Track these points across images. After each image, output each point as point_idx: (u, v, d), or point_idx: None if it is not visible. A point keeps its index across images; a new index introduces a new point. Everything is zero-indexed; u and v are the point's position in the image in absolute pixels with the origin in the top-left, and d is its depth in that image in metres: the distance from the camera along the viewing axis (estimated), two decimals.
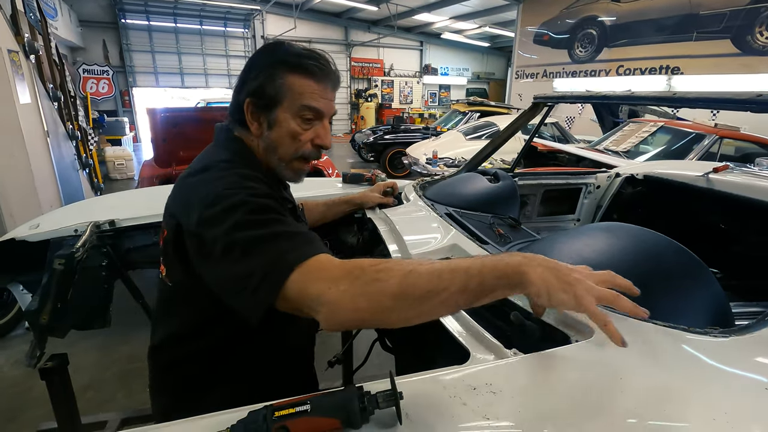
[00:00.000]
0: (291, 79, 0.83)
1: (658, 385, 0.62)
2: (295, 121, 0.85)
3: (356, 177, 1.92)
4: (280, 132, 0.85)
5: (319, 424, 0.53)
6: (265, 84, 0.83)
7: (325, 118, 0.88)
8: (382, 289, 0.62)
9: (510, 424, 0.56)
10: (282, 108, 0.84)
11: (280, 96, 0.83)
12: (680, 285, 0.82)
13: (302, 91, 0.83)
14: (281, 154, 0.88)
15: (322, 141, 0.89)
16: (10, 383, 2.44)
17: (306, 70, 0.83)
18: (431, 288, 0.62)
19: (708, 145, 4.34)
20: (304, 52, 0.85)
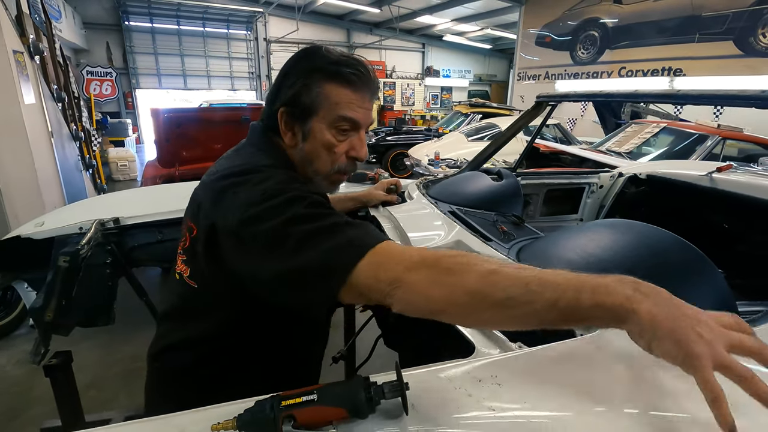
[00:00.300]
0: (328, 88, 0.79)
1: (663, 378, 0.62)
2: (331, 132, 0.81)
3: (359, 176, 1.93)
4: (315, 144, 0.82)
5: (326, 413, 0.53)
6: (301, 92, 0.79)
7: (361, 129, 0.84)
8: (458, 282, 0.58)
9: (515, 414, 0.56)
10: (317, 118, 0.80)
11: (316, 106, 0.79)
12: (685, 280, 0.82)
13: (339, 100, 0.79)
14: (317, 167, 0.84)
15: (357, 153, 0.84)
16: (13, 382, 2.45)
17: (343, 78, 0.79)
18: (514, 296, 0.55)
19: (711, 146, 4.33)
20: (342, 59, 0.80)
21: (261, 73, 15.16)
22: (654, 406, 0.58)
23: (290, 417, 0.52)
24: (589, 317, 0.54)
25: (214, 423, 0.52)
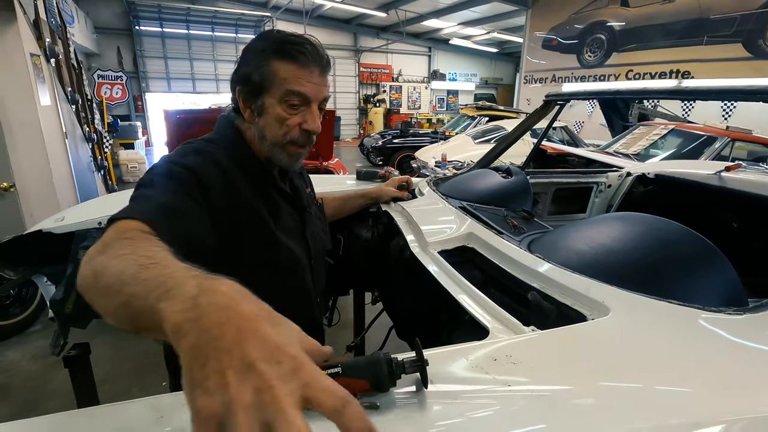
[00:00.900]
0: (276, 65, 0.83)
1: (672, 357, 0.64)
2: (281, 107, 0.85)
3: (370, 174, 1.96)
4: (267, 118, 0.87)
5: (350, 384, 0.55)
6: (252, 71, 0.85)
7: (313, 103, 0.87)
8: (93, 262, 0.54)
9: (530, 388, 0.58)
10: (269, 94, 0.85)
11: (266, 83, 0.84)
12: (695, 269, 0.84)
13: (286, 76, 0.83)
14: (271, 138, 0.88)
15: (309, 126, 0.87)
16: (29, 376, 2.50)
17: (289, 55, 0.83)
18: (112, 283, 0.48)
19: (719, 148, 4.32)
20: (288, 38, 0.85)
21: None
22: (659, 381, 0.60)
23: None
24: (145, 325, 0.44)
25: None
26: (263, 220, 0.89)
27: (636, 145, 4.79)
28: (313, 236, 1.04)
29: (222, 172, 0.83)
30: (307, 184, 1.15)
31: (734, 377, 0.61)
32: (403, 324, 1.30)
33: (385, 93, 17.67)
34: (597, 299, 0.75)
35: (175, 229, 0.68)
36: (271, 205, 0.92)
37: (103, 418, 0.55)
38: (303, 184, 1.09)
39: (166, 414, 0.54)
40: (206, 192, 0.78)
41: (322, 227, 1.13)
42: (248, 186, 0.88)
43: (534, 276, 0.88)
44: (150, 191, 0.74)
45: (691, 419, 0.55)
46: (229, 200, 0.83)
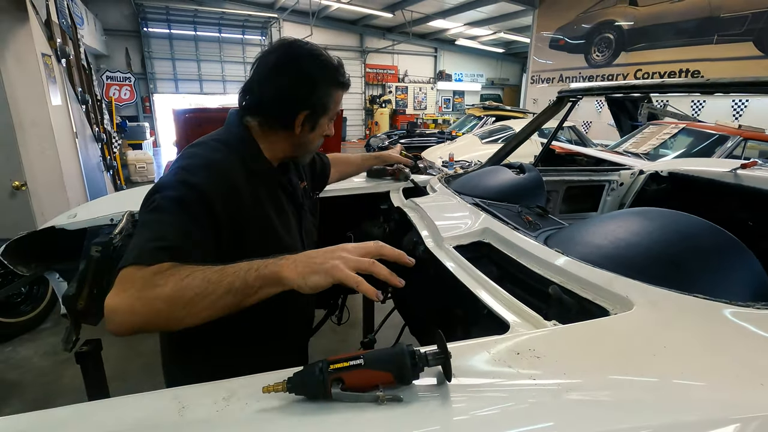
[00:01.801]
0: (337, 94, 0.99)
1: (700, 352, 0.63)
2: (328, 123, 1.01)
3: (380, 171, 1.95)
4: (318, 133, 1.00)
5: (373, 376, 0.55)
6: (323, 98, 0.96)
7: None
8: (157, 293, 0.68)
9: (556, 382, 0.57)
10: (326, 116, 0.99)
11: (329, 106, 0.98)
12: (719, 263, 0.83)
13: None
14: (312, 149, 1.04)
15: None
16: (40, 373, 2.51)
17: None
18: (200, 291, 0.67)
19: (731, 147, 4.26)
20: (340, 68, 0.98)
21: None
22: (688, 377, 0.59)
23: (339, 380, 0.54)
24: (258, 289, 0.69)
25: (264, 385, 0.54)
26: (269, 220, 0.95)
27: (646, 144, 4.75)
28: (307, 233, 1.10)
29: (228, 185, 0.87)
30: (303, 179, 1.18)
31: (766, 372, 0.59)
32: (417, 320, 1.29)
33: (390, 94, 17.66)
34: (620, 293, 0.74)
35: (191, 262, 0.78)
36: (278, 205, 0.99)
37: (126, 409, 0.55)
38: (298, 180, 1.13)
39: (189, 405, 0.54)
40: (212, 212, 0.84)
41: (313, 222, 1.18)
42: (256, 187, 0.93)
43: (553, 270, 0.87)
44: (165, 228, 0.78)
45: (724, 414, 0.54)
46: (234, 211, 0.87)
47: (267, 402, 0.54)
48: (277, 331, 1.05)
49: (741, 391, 0.57)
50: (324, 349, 2.62)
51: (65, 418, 0.56)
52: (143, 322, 0.69)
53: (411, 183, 1.78)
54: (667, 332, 0.67)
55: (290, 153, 1.02)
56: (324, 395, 0.53)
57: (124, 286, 0.70)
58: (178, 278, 0.69)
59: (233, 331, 0.94)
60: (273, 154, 0.99)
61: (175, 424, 0.51)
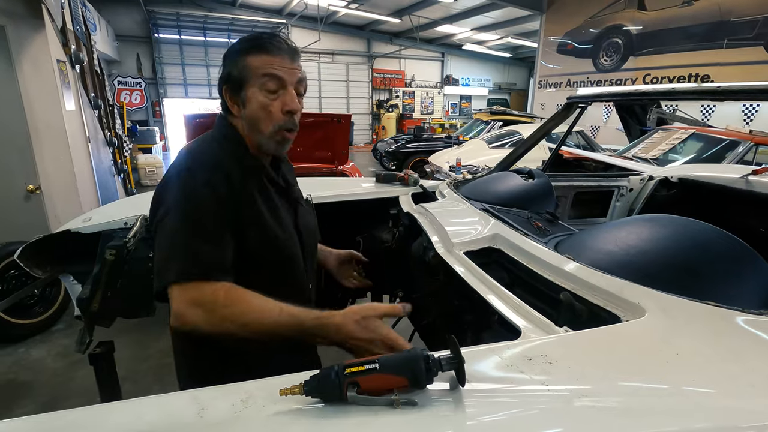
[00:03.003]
0: (250, 59, 0.93)
1: (713, 359, 0.63)
2: (262, 93, 0.93)
3: (389, 177, 1.96)
4: (252, 107, 0.94)
5: (388, 381, 0.55)
6: (232, 69, 0.94)
7: (289, 86, 0.95)
8: (227, 314, 0.80)
9: (568, 388, 0.57)
10: (249, 85, 0.93)
11: (245, 75, 0.93)
12: (731, 270, 0.82)
13: (259, 64, 0.92)
14: (261, 128, 0.95)
15: (290, 106, 0.95)
16: (53, 374, 2.55)
17: (260, 48, 0.93)
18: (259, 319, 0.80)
19: (742, 153, 4.22)
20: (256, 35, 0.95)
21: None
22: (701, 384, 0.59)
23: (354, 383, 0.55)
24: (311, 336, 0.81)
25: (281, 388, 0.56)
26: (261, 214, 0.95)
27: (655, 149, 4.71)
28: (305, 227, 1.08)
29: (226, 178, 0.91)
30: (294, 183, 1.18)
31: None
32: (427, 326, 1.29)
33: (397, 98, 17.71)
34: (631, 300, 0.74)
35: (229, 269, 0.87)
36: (269, 200, 0.99)
37: (146, 410, 0.56)
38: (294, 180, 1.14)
39: (207, 406, 0.55)
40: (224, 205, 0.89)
41: (313, 221, 1.17)
42: (249, 183, 0.95)
43: (564, 276, 0.87)
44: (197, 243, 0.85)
45: (736, 422, 0.54)
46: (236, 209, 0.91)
47: (284, 404, 0.55)
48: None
49: (754, 399, 0.57)
50: (332, 353, 2.63)
51: (85, 418, 0.57)
52: (209, 332, 0.80)
53: (420, 188, 1.79)
54: (679, 340, 0.67)
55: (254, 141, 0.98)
56: (340, 398, 0.54)
57: (195, 300, 0.81)
58: (245, 304, 0.81)
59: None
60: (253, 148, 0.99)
61: (194, 424, 0.53)
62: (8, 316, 2.80)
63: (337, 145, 4.52)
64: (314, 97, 16.17)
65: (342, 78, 16.75)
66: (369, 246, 1.87)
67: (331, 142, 4.47)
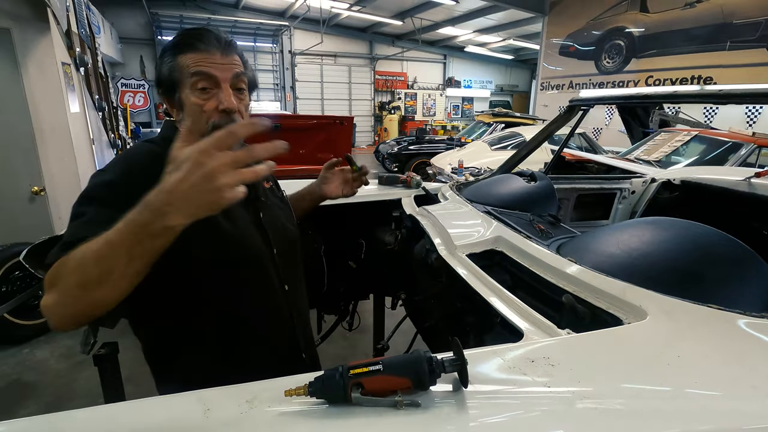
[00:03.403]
0: (179, 58, 0.88)
1: (715, 362, 0.63)
2: (194, 94, 0.87)
3: (391, 179, 1.97)
4: (188, 110, 0.89)
5: (391, 382, 0.56)
6: (162, 71, 0.90)
7: (223, 83, 0.88)
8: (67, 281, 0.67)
9: (570, 390, 0.58)
10: (181, 87, 0.88)
11: (175, 77, 0.88)
12: (733, 273, 0.83)
13: (187, 63, 0.87)
14: (197, 130, 0.88)
15: (225, 104, 0.88)
16: (56, 375, 2.56)
17: (187, 46, 0.88)
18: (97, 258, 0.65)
19: (745, 155, 4.21)
20: (180, 33, 0.91)
21: (285, 85, 15.52)
22: (702, 387, 0.59)
23: (358, 385, 0.56)
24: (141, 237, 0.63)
25: (286, 389, 0.56)
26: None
27: (657, 151, 4.71)
28: (272, 225, 1.02)
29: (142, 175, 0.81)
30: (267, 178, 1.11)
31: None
32: (429, 327, 1.30)
33: (400, 100, 17.75)
34: (633, 303, 0.75)
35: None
36: None
37: (151, 411, 0.57)
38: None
39: (213, 407, 0.56)
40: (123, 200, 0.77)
41: (285, 216, 1.10)
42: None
43: (566, 279, 0.88)
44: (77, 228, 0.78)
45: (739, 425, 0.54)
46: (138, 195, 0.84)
47: (289, 405, 0.56)
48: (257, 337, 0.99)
49: (757, 401, 0.57)
50: (334, 355, 2.64)
51: (92, 419, 0.58)
52: (73, 313, 0.69)
53: (422, 190, 1.80)
54: (682, 342, 0.68)
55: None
56: (344, 399, 0.55)
57: (47, 286, 0.70)
58: (72, 259, 0.67)
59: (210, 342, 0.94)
60: None
61: (201, 425, 0.53)
62: (12, 317, 2.82)
63: (340, 147, 4.53)
64: (317, 99, 16.23)
65: (344, 80, 16.81)
66: (371, 248, 1.88)
67: (333, 144, 4.49)
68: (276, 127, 3.92)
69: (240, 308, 0.96)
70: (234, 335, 0.95)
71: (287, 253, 1.04)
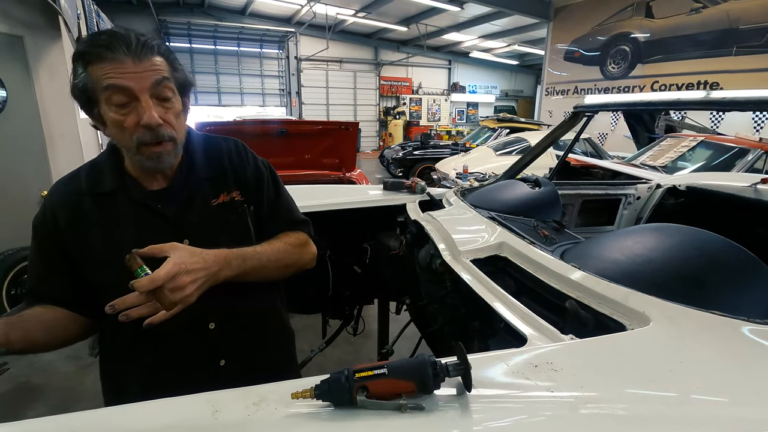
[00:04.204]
0: (90, 69, 0.76)
1: (718, 368, 0.64)
2: (111, 110, 0.77)
3: (396, 184, 1.98)
4: (110, 126, 0.80)
5: (396, 385, 0.57)
6: (76, 84, 0.78)
7: (140, 94, 0.78)
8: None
9: (573, 394, 0.58)
10: (98, 102, 0.78)
11: (89, 92, 0.78)
12: (737, 280, 0.83)
13: (99, 75, 0.76)
14: (125, 146, 0.82)
15: (145, 120, 0.77)
16: (63, 377, 2.58)
17: (94, 56, 0.76)
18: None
19: (752, 161, 4.19)
20: (85, 41, 0.80)
21: (291, 90, 15.63)
22: (704, 392, 0.60)
23: (363, 388, 0.57)
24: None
25: (293, 392, 0.57)
26: (98, 248, 0.86)
27: (663, 157, 4.69)
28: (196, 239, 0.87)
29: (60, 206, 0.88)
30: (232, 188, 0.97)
31: None
32: (434, 333, 1.30)
33: (404, 105, 17.80)
34: (637, 309, 0.75)
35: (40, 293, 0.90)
36: (117, 227, 0.87)
37: (160, 412, 0.58)
38: (206, 192, 0.94)
39: (222, 408, 0.57)
40: (54, 235, 0.88)
41: (231, 238, 0.92)
42: (100, 208, 0.87)
43: (569, 285, 0.88)
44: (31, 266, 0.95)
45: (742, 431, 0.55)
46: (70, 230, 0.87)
47: (295, 407, 0.57)
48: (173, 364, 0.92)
49: (760, 408, 0.58)
50: (338, 359, 2.64)
51: (102, 419, 0.59)
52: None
53: (427, 196, 1.81)
54: (685, 348, 0.68)
55: (129, 158, 0.86)
56: (349, 402, 0.56)
57: None
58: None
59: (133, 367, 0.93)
60: (132, 166, 0.88)
61: (210, 425, 0.54)
62: None
63: (345, 152, 4.55)
64: (322, 104, 16.33)
65: (349, 85, 16.90)
66: (376, 253, 1.89)
67: (338, 150, 4.51)
68: (282, 132, 3.95)
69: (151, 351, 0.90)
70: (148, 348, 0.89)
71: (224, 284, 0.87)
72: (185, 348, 0.91)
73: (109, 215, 0.86)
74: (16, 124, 3.02)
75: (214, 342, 0.93)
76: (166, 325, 0.74)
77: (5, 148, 3.00)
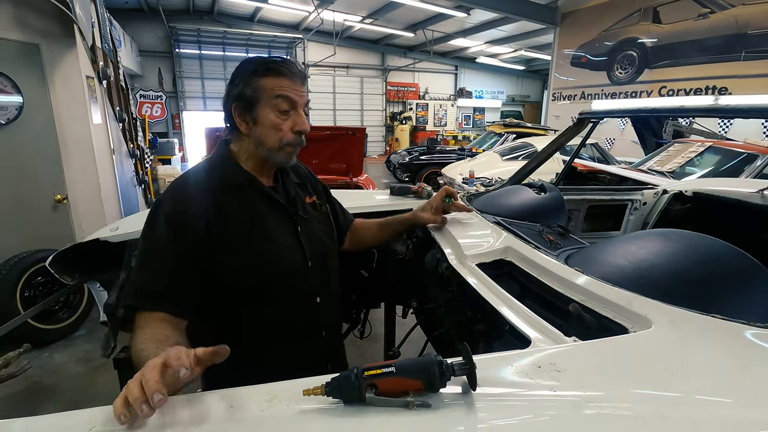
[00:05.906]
0: (263, 81, 0.99)
1: (719, 370, 0.65)
2: (274, 113, 1.00)
3: (403, 189, 2.01)
4: (263, 127, 1.01)
5: (404, 384, 0.59)
6: (244, 89, 0.99)
7: (299, 108, 1.02)
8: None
9: (576, 394, 0.60)
10: (261, 105, 1.00)
11: (258, 96, 0.99)
12: (740, 285, 0.84)
13: (273, 86, 0.99)
14: (269, 145, 1.02)
15: (300, 127, 1.02)
16: (75, 378, 2.63)
17: (273, 71, 0.99)
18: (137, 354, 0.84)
19: (761, 166, 4.16)
20: (269, 59, 1.02)
21: None
22: (705, 393, 0.61)
23: (372, 386, 0.59)
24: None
25: (304, 389, 0.60)
26: (246, 229, 1.00)
27: (671, 162, 4.68)
28: (310, 238, 1.11)
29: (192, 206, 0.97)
30: (312, 193, 1.23)
31: None
32: (440, 336, 1.32)
33: (411, 110, 17.87)
34: (639, 312, 0.77)
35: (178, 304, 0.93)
36: (256, 213, 1.04)
37: (176, 408, 0.61)
38: (300, 193, 1.18)
39: (236, 405, 0.59)
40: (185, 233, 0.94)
41: (324, 230, 1.19)
42: (232, 200, 1.01)
43: (573, 289, 0.90)
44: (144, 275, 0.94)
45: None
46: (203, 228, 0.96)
47: (307, 404, 0.59)
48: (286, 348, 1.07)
49: (760, 410, 0.59)
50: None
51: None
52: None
53: None
54: (686, 351, 0.69)
55: (260, 156, 1.05)
56: (359, 399, 0.58)
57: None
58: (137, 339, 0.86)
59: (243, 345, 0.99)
60: (252, 164, 1.06)
61: (225, 421, 0.57)
62: (34, 321, 2.90)
63: (352, 157, 4.60)
64: (329, 109, 16.44)
65: (356, 91, 17.01)
66: (383, 257, 1.91)
67: (346, 155, 4.56)
68: None
69: (271, 321, 1.05)
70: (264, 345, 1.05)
71: (321, 265, 1.13)
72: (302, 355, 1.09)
73: (246, 201, 1.03)
74: (32, 130, 3.10)
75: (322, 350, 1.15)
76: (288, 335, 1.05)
77: (21, 154, 3.07)
